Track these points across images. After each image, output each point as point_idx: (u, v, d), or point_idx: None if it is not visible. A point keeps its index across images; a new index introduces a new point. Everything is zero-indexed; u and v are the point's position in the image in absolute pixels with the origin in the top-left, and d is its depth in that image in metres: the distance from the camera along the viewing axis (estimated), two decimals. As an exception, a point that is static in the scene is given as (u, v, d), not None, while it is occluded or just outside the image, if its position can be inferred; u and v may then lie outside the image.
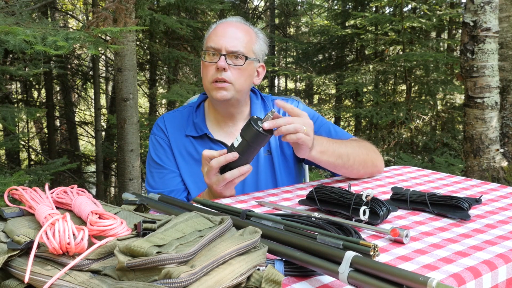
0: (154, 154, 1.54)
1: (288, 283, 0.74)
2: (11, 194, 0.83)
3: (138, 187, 4.16)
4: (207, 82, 1.46)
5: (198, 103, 1.60)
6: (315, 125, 1.57)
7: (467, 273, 0.77)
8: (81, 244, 0.64)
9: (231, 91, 1.44)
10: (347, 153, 1.36)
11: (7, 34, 2.15)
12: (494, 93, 3.47)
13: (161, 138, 1.55)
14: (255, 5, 9.30)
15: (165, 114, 1.61)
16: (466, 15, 3.47)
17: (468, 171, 3.62)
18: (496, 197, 1.23)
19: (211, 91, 1.45)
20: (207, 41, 1.49)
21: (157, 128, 1.57)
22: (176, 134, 1.54)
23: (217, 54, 1.44)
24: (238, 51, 1.44)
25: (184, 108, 1.61)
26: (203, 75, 1.50)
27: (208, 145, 1.52)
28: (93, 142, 7.39)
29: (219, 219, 0.71)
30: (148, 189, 1.51)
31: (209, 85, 1.45)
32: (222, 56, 1.42)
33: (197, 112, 1.58)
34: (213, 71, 1.44)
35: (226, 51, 1.43)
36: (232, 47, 1.44)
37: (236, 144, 1.21)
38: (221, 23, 1.52)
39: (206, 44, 1.49)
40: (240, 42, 1.46)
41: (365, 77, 6.84)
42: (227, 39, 1.45)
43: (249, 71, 1.49)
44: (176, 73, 6.42)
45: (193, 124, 1.54)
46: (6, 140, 4.04)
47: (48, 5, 5.49)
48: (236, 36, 1.46)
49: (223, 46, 1.43)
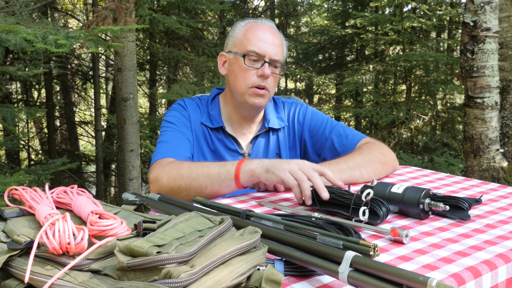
0: (172, 119, 1.50)
1: (288, 283, 0.74)
2: (11, 194, 0.83)
3: (138, 187, 4.16)
4: (244, 87, 1.44)
5: (213, 97, 1.59)
6: (325, 129, 1.57)
7: (467, 273, 0.77)
8: (81, 244, 0.64)
9: (266, 99, 1.46)
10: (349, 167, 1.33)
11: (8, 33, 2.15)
12: (494, 93, 3.47)
13: (184, 112, 1.53)
14: (255, 5, 9.29)
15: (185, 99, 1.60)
16: (466, 15, 3.47)
17: (468, 171, 3.62)
18: (496, 197, 1.23)
19: (247, 96, 1.44)
20: (247, 44, 1.44)
21: (180, 106, 1.55)
22: (195, 118, 1.53)
23: (260, 60, 1.42)
24: (279, 60, 1.45)
25: (200, 99, 1.60)
26: (238, 78, 1.45)
27: (221, 137, 1.52)
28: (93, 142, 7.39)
29: (219, 219, 0.71)
30: (160, 157, 1.37)
31: (247, 89, 1.43)
32: (266, 64, 1.41)
33: (213, 104, 1.57)
34: (254, 77, 1.42)
35: (269, 59, 1.42)
36: (275, 55, 1.43)
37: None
38: (258, 25, 1.49)
39: (246, 47, 1.44)
40: (280, 51, 1.46)
41: (365, 77, 6.85)
42: (270, 46, 1.43)
43: (279, 78, 1.51)
44: (176, 73, 6.42)
45: (209, 115, 1.54)
46: (6, 140, 4.04)
47: (48, 5, 5.49)
48: (276, 43, 1.46)
49: (267, 53, 1.42)
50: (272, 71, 1.44)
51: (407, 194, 1.06)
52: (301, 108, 1.63)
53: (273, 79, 1.45)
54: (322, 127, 1.57)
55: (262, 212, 1.09)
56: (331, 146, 1.54)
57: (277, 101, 1.63)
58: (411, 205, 1.05)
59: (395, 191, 1.09)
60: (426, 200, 1.05)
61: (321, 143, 1.57)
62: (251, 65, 1.43)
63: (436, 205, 1.04)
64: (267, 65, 1.41)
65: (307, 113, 1.62)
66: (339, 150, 1.52)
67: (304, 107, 1.63)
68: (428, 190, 1.06)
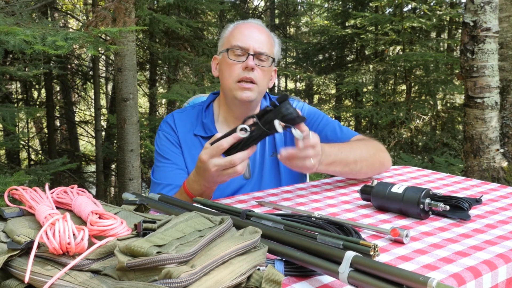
0: (161, 148, 1.52)
1: (288, 283, 0.74)
2: (11, 194, 0.83)
3: (138, 187, 4.16)
4: (231, 81, 1.44)
5: (208, 104, 1.59)
6: (320, 124, 1.57)
7: (467, 273, 0.77)
8: (81, 244, 0.64)
9: (255, 92, 1.44)
10: (355, 159, 1.33)
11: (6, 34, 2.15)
12: (494, 93, 3.47)
13: (170, 134, 1.53)
14: (255, 5, 9.30)
15: (174, 112, 1.59)
16: (466, 15, 3.47)
17: (468, 171, 3.62)
18: (496, 197, 1.23)
19: (235, 90, 1.44)
20: (232, 39, 1.47)
21: (166, 125, 1.55)
22: (185, 133, 1.53)
23: (245, 54, 1.43)
24: (265, 52, 1.45)
25: (193, 108, 1.60)
26: (225, 74, 1.47)
27: None
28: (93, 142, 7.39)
29: (219, 219, 0.71)
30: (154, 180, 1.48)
31: (234, 84, 1.43)
32: (250, 56, 1.42)
33: (207, 112, 1.56)
34: (239, 70, 1.42)
35: (254, 51, 1.43)
36: (259, 48, 1.44)
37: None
38: (244, 24, 1.51)
39: (230, 43, 1.46)
40: (265, 45, 1.46)
41: (365, 77, 6.85)
42: (254, 39, 1.44)
43: (269, 74, 1.50)
44: (176, 73, 6.41)
45: (202, 124, 1.53)
46: (6, 140, 4.04)
47: (48, 5, 5.49)
48: (262, 38, 1.46)
49: (251, 46, 1.43)
50: (258, 64, 1.44)
51: (407, 194, 1.06)
52: (297, 105, 1.63)
53: (260, 72, 1.44)
54: (317, 123, 1.57)
55: (262, 212, 1.09)
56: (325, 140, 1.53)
57: (274, 100, 1.63)
58: (411, 205, 1.05)
59: (395, 191, 1.09)
60: (426, 200, 1.05)
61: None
62: (236, 59, 1.44)
63: (436, 205, 1.04)
64: (251, 58, 1.42)
65: (303, 109, 1.62)
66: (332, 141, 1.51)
67: (300, 104, 1.63)
68: (428, 190, 1.06)
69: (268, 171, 1.52)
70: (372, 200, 1.14)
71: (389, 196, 1.09)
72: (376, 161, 1.41)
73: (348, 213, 1.11)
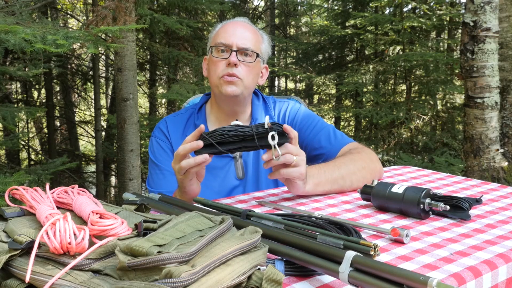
0: (154, 156, 1.54)
1: (289, 283, 0.74)
2: (11, 194, 0.83)
3: (138, 187, 4.16)
4: (215, 78, 1.45)
5: (200, 105, 1.59)
6: (315, 128, 1.57)
7: (467, 272, 0.78)
8: (82, 244, 0.64)
9: (240, 87, 1.45)
10: (342, 176, 1.30)
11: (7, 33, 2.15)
12: (494, 93, 3.47)
13: (162, 140, 1.54)
14: (255, 5, 9.30)
15: (167, 117, 1.60)
16: (466, 15, 3.47)
17: (468, 171, 3.62)
18: (496, 197, 1.23)
19: (220, 86, 1.44)
20: (216, 38, 1.49)
21: (159, 131, 1.56)
22: (178, 137, 1.53)
23: (228, 50, 1.44)
24: (249, 48, 1.46)
25: (186, 111, 1.60)
26: (210, 71, 1.49)
27: None
28: (93, 142, 7.39)
29: (219, 219, 0.71)
30: (149, 188, 1.50)
31: (218, 80, 1.44)
32: (233, 52, 1.43)
33: (199, 114, 1.57)
34: (223, 67, 1.44)
35: (237, 48, 1.44)
36: (243, 44, 1.45)
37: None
38: (229, 22, 1.53)
39: (214, 41, 1.49)
40: (249, 41, 1.47)
41: (365, 77, 6.85)
42: (237, 36, 1.46)
43: (256, 70, 1.50)
44: (176, 73, 6.42)
45: (194, 126, 1.53)
46: (6, 140, 4.04)
47: (48, 5, 5.48)
48: (246, 34, 1.48)
49: (234, 43, 1.44)
50: (242, 60, 1.44)
51: (407, 194, 1.06)
52: (294, 106, 1.63)
53: (245, 67, 1.45)
54: (313, 125, 1.56)
55: (263, 212, 1.09)
56: (318, 143, 1.53)
57: (267, 100, 1.63)
58: (412, 205, 1.05)
59: (395, 191, 1.09)
60: (426, 200, 1.05)
61: (309, 140, 1.56)
62: (220, 56, 1.45)
63: (436, 205, 1.04)
64: (234, 54, 1.43)
65: (299, 111, 1.61)
66: (325, 147, 1.50)
67: (296, 105, 1.63)
68: (428, 190, 1.07)
69: (264, 171, 1.52)
70: (372, 200, 1.14)
71: (389, 196, 1.09)
72: (367, 174, 1.36)
73: (348, 213, 1.12)
